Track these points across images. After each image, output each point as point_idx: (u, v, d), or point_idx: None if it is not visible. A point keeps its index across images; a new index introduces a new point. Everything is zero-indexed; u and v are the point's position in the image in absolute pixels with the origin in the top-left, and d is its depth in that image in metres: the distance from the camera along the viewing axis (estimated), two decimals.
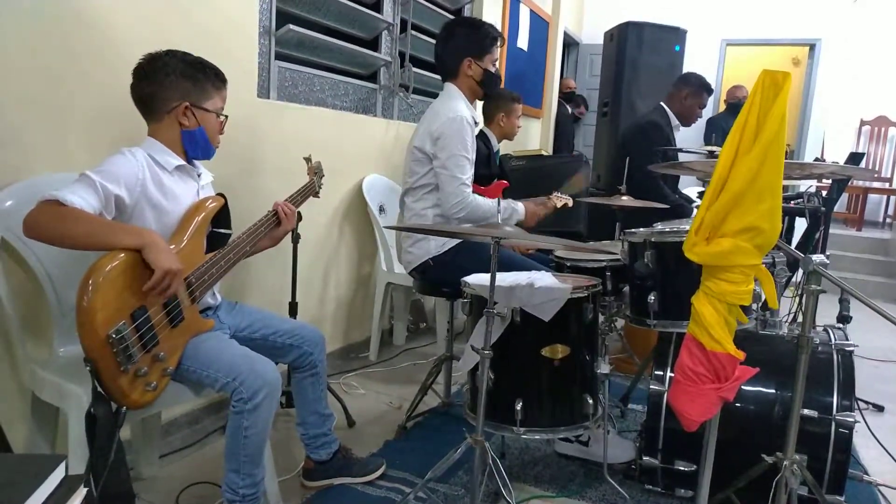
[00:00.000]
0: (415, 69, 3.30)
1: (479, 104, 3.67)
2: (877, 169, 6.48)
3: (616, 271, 1.94)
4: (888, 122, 6.40)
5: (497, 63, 2.31)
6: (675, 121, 3.38)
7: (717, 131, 5.62)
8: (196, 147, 1.53)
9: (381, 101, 3.21)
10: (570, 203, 2.52)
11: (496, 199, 2.20)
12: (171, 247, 1.39)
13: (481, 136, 3.12)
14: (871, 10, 6.18)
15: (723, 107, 6.48)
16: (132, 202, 1.38)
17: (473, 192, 2.28)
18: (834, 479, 1.57)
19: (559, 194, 2.56)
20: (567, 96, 6.25)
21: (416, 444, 2.12)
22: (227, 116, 1.59)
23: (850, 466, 1.61)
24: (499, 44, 2.29)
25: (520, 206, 2.30)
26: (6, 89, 1.50)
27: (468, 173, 2.14)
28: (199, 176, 1.59)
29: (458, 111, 2.14)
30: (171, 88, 1.47)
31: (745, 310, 1.56)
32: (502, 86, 4.43)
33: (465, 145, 2.12)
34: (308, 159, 2.03)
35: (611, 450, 1.89)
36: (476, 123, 2.22)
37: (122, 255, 1.26)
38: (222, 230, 1.58)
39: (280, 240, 1.76)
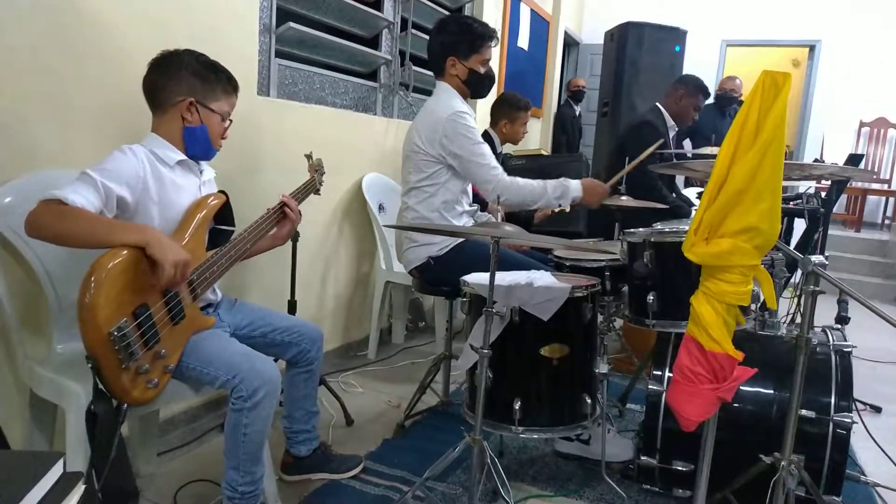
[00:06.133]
0: (415, 68, 3.30)
1: (481, 101, 3.69)
2: (876, 170, 6.48)
3: (615, 271, 1.94)
4: (887, 123, 6.41)
5: (488, 63, 2.24)
6: (670, 121, 3.38)
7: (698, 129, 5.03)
8: (196, 144, 1.53)
9: (381, 100, 3.20)
10: (568, 207, 2.52)
11: (546, 180, 2.13)
12: None
13: (486, 138, 3.12)
14: (870, 12, 6.18)
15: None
16: (135, 200, 1.38)
17: (475, 194, 2.28)
18: (831, 480, 1.57)
19: None
20: (575, 95, 6.18)
21: (414, 442, 2.12)
22: (231, 122, 1.60)
23: (848, 467, 1.61)
24: (491, 43, 2.22)
25: (574, 183, 2.15)
26: (6, 86, 1.50)
27: (490, 156, 2.13)
28: (201, 172, 1.59)
29: (455, 106, 2.14)
30: (180, 82, 1.49)
31: (744, 310, 1.57)
32: (502, 88, 4.45)
33: (474, 133, 2.13)
34: (309, 156, 2.03)
35: (611, 448, 1.90)
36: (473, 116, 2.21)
37: (125, 252, 1.26)
38: (225, 227, 1.58)
39: (284, 240, 1.77)
